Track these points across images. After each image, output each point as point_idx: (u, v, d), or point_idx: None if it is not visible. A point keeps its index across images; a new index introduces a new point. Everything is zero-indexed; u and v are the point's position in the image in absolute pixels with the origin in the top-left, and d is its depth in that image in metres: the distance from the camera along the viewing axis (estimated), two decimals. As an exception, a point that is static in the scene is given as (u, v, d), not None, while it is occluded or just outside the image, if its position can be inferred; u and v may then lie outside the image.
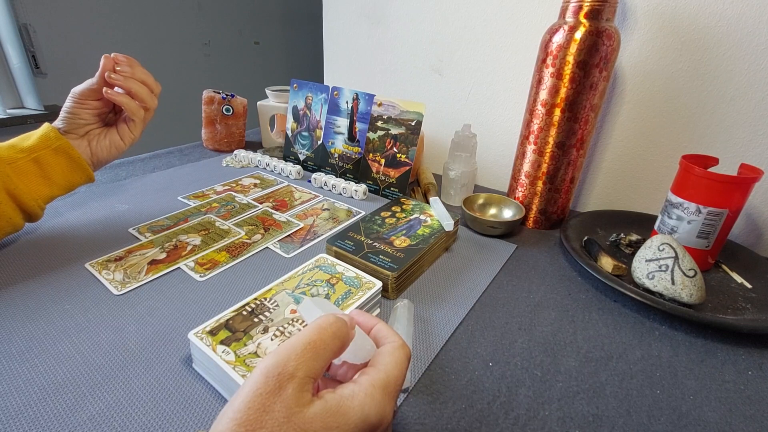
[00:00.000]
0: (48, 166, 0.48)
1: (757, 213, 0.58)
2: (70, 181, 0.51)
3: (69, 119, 0.51)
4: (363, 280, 0.42)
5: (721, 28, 0.53)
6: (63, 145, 0.49)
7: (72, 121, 0.51)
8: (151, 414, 0.31)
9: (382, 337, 0.27)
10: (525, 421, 0.32)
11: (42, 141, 0.48)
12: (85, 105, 0.51)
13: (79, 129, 0.51)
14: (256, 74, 2.07)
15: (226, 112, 0.84)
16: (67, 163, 0.49)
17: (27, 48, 1.30)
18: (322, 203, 0.66)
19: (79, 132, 0.52)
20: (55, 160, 0.49)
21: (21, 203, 0.46)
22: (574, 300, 0.47)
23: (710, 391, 0.36)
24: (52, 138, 0.49)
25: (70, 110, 0.51)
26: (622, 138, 0.64)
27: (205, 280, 0.46)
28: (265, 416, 0.19)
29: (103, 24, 1.44)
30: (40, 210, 0.49)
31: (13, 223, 0.46)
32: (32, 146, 0.47)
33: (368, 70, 0.90)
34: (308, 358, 0.22)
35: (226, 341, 0.33)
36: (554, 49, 0.52)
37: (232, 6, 1.87)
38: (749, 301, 0.47)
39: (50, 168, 0.48)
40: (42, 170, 0.48)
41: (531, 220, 0.63)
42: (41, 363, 0.34)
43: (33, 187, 0.47)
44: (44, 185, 0.48)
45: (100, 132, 0.53)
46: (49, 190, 0.49)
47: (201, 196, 0.65)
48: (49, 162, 0.48)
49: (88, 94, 0.51)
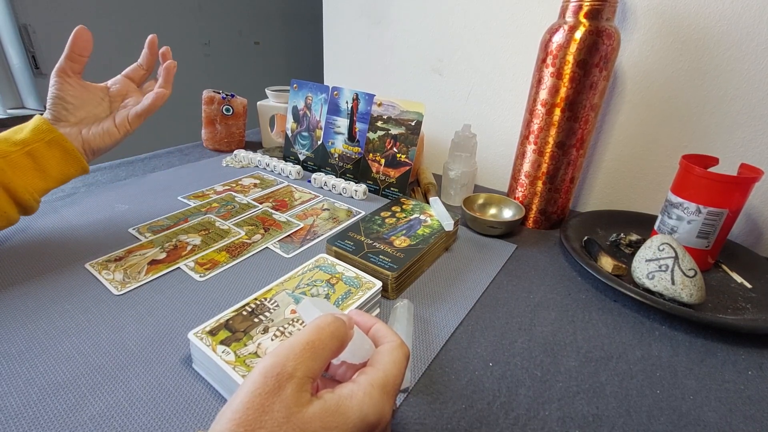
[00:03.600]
0: (42, 158, 0.47)
1: (757, 213, 0.58)
2: (64, 173, 0.49)
3: (56, 105, 0.49)
4: (363, 280, 0.42)
5: (722, 27, 0.53)
6: (56, 137, 0.47)
7: (60, 107, 0.49)
8: (151, 414, 0.31)
9: (380, 337, 0.27)
10: (525, 421, 0.32)
11: (34, 134, 0.47)
12: (78, 86, 0.49)
13: (69, 116, 0.49)
14: (256, 74, 2.07)
15: (226, 112, 0.84)
16: (61, 155, 0.48)
17: (27, 48, 1.30)
18: (322, 203, 0.66)
19: (69, 120, 0.50)
20: (50, 153, 0.47)
21: (16, 197, 0.46)
22: (574, 300, 0.47)
23: (710, 391, 0.36)
24: (45, 130, 0.47)
25: (57, 95, 0.48)
26: (622, 138, 0.64)
27: (205, 280, 0.46)
28: (264, 416, 0.19)
29: (103, 24, 1.44)
30: (36, 203, 0.48)
31: (8, 216, 0.46)
32: (25, 139, 0.46)
33: (368, 70, 0.90)
34: (307, 358, 0.22)
35: (226, 341, 0.33)
36: (554, 48, 0.52)
37: (232, 6, 1.87)
38: (749, 301, 0.47)
39: (44, 161, 0.47)
40: (36, 163, 0.47)
41: (531, 220, 0.63)
42: (41, 363, 0.34)
43: (28, 180, 0.46)
44: (39, 178, 0.47)
45: (94, 120, 0.52)
46: (44, 183, 0.48)
47: (201, 196, 0.65)
48: (43, 155, 0.47)
49: (72, 67, 0.49)
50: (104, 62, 1.38)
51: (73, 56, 0.49)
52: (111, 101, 0.54)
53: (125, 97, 0.54)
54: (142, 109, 0.52)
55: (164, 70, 0.54)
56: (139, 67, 0.55)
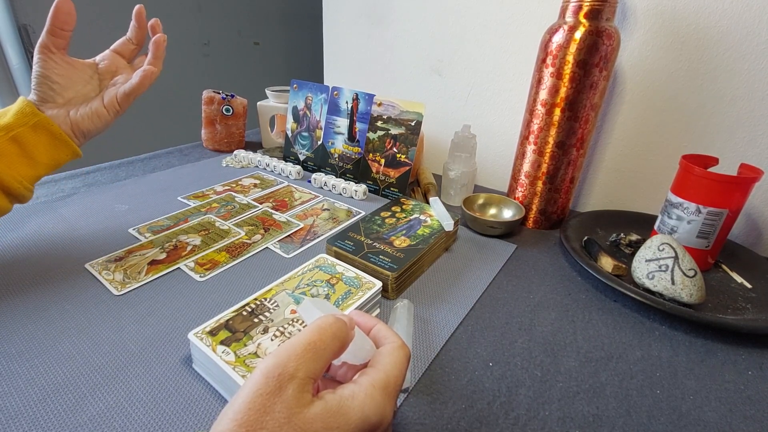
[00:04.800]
0: (29, 144, 0.44)
1: (757, 213, 0.58)
2: (54, 159, 0.46)
3: (41, 85, 0.45)
4: (363, 280, 0.42)
5: (722, 27, 0.53)
6: (41, 120, 0.44)
7: (46, 87, 0.45)
8: (151, 414, 0.31)
9: (381, 338, 0.27)
10: (525, 421, 0.32)
11: (18, 118, 0.43)
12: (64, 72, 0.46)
13: (56, 97, 0.46)
14: (256, 74, 2.07)
15: (226, 112, 0.84)
16: (48, 139, 0.45)
17: (27, 48, 1.30)
18: (322, 203, 0.66)
19: (56, 101, 0.46)
20: (36, 138, 0.44)
21: (4, 186, 0.43)
22: (574, 300, 0.47)
23: (710, 391, 0.36)
24: (29, 113, 0.43)
25: (41, 73, 0.45)
26: (622, 137, 0.64)
27: (205, 280, 0.46)
28: (265, 417, 0.19)
29: (103, 24, 1.44)
30: (27, 191, 0.45)
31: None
32: (9, 124, 0.43)
33: (368, 70, 0.90)
34: (308, 359, 0.22)
35: (226, 341, 0.33)
36: (554, 48, 0.52)
37: (231, 6, 1.87)
38: (749, 301, 0.47)
39: (31, 147, 0.44)
40: (23, 150, 0.43)
41: (531, 220, 0.63)
42: (41, 363, 0.34)
43: (15, 168, 0.43)
44: (27, 165, 0.44)
45: (83, 100, 0.48)
46: (33, 170, 0.45)
47: (201, 197, 0.65)
48: (29, 140, 0.43)
49: (58, 44, 0.45)
50: (104, 62, 1.38)
51: (54, 30, 0.44)
52: (100, 79, 0.50)
53: (115, 74, 0.50)
54: (130, 87, 0.48)
55: (153, 44, 0.49)
56: (128, 41, 0.51)
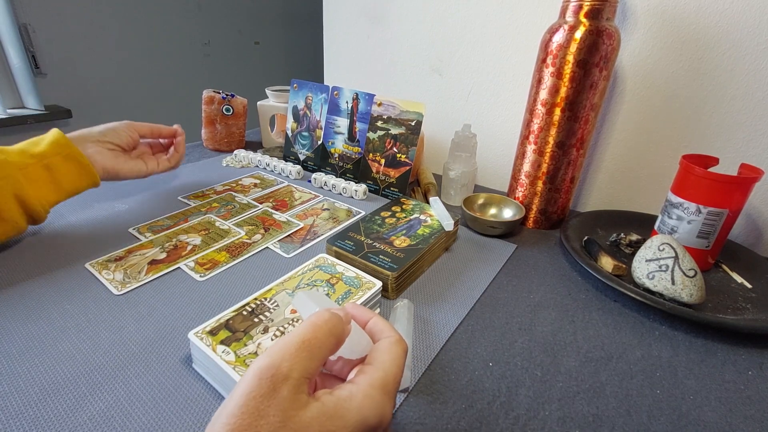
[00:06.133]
0: (58, 172, 0.49)
1: (757, 213, 0.58)
2: (76, 186, 0.52)
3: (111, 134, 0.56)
4: (363, 280, 0.42)
5: (722, 27, 0.53)
6: (73, 152, 0.50)
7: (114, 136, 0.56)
8: (151, 414, 0.31)
9: (378, 332, 0.26)
10: (525, 421, 0.32)
11: (53, 147, 0.49)
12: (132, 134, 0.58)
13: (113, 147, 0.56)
14: (256, 74, 2.07)
15: (226, 112, 0.84)
16: (77, 169, 0.51)
17: (27, 48, 1.31)
18: (322, 203, 0.66)
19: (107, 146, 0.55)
20: (66, 167, 0.50)
21: (29, 208, 0.47)
22: (574, 300, 0.47)
23: (710, 391, 0.36)
24: (63, 144, 0.50)
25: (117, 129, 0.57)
26: (622, 137, 0.64)
27: (205, 280, 0.46)
28: (259, 421, 0.19)
29: (103, 24, 1.44)
30: (45, 213, 0.49)
31: (18, 226, 0.47)
32: (44, 152, 0.48)
33: (368, 70, 0.90)
34: (303, 358, 0.21)
35: (226, 341, 0.33)
36: (554, 48, 0.52)
37: (232, 6, 1.87)
38: (749, 301, 0.47)
39: (60, 174, 0.49)
40: (52, 176, 0.49)
41: (531, 220, 0.63)
42: (41, 363, 0.34)
43: (42, 192, 0.48)
44: (52, 191, 0.49)
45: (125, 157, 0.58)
46: (56, 196, 0.50)
47: (201, 196, 0.65)
48: (60, 169, 0.49)
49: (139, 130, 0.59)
50: (104, 62, 1.38)
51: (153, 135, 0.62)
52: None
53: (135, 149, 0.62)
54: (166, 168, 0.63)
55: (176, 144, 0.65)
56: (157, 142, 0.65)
